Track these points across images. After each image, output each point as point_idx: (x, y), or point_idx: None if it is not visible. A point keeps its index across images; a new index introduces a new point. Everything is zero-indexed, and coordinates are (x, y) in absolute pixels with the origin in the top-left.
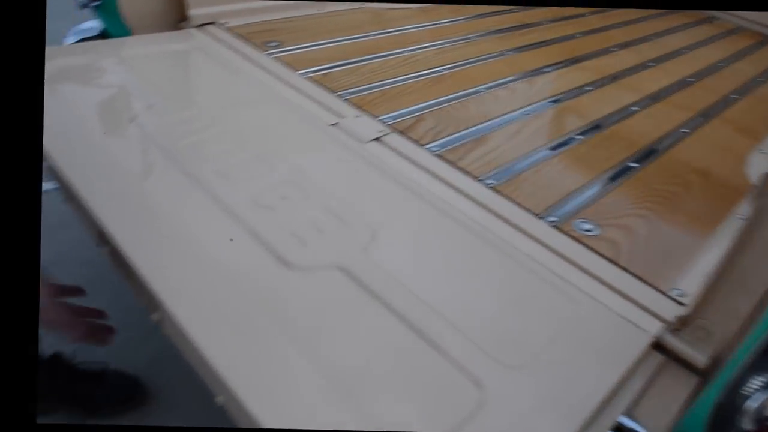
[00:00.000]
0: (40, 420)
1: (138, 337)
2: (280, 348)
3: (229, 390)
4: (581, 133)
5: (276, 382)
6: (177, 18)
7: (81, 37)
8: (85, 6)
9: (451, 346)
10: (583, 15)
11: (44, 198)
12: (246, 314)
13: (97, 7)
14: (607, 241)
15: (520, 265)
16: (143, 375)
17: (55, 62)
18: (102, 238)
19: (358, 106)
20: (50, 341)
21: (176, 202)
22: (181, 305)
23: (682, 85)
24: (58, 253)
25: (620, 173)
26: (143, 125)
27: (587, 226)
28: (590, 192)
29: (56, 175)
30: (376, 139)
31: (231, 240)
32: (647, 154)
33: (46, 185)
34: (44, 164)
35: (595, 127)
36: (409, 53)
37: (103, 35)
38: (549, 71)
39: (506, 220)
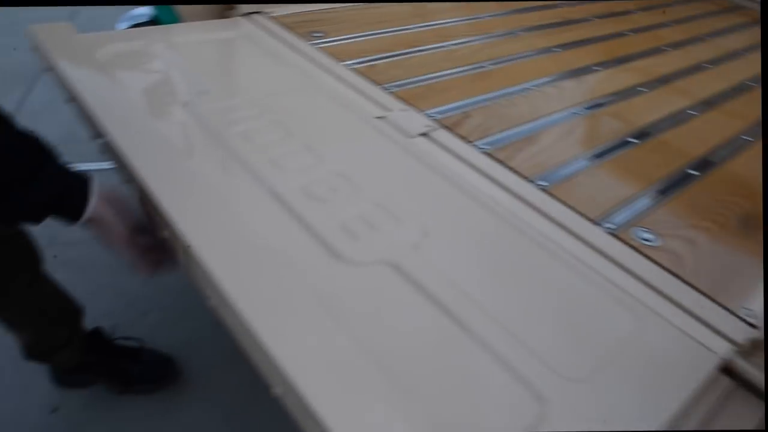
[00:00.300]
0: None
1: (172, 318)
2: (339, 343)
3: (289, 382)
4: (635, 137)
5: (336, 378)
6: (224, 6)
7: (133, 23)
8: None
9: (508, 354)
10: (631, 12)
11: (99, 176)
12: (301, 305)
13: None
14: (668, 252)
15: (576, 272)
16: (176, 356)
17: (111, 47)
18: (161, 221)
19: (404, 99)
20: (92, 317)
21: (232, 189)
22: (238, 292)
23: (741, 89)
24: None
25: (679, 181)
26: (196, 111)
27: (647, 236)
28: (647, 199)
29: (115, 156)
30: (424, 134)
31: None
32: (706, 163)
33: (102, 164)
34: (101, 141)
35: (648, 131)
36: (453, 47)
37: (153, 21)
38: (598, 70)
39: (560, 224)
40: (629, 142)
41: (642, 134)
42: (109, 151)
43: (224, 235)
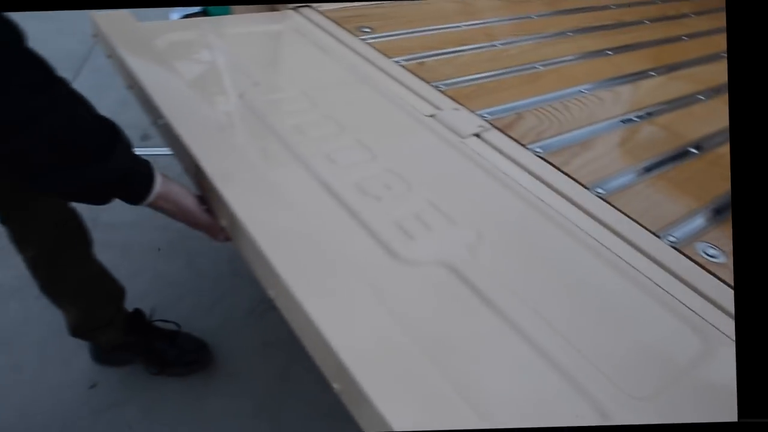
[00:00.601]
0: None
1: (207, 304)
2: (400, 343)
3: (351, 380)
4: (694, 148)
5: (396, 377)
6: None
7: (185, 13)
8: None
9: (569, 366)
10: (686, 15)
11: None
12: (362, 302)
13: None
14: None
15: (637, 285)
16: (209, 341)
17: (168, 36)
18: (220, 209)
19: (454, 98)
20: (129, 299)
21: (289, 182)
22: (300, 285)
23: None
24: (139, 215)
25: None
26: (252, 102)
27: (712, 252)
28: (710, 214)
29: (175, 143)
30: (476, 134)
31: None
32: None
33: (159, 150)
34: (161, 122)
35: (707, 143)
36: (502, 47)
37: (204, 12)
38: (653, 75)
39: (619, 235)
40: (689, 152)
41: (700, 146)
42: (168, 136)
43: (283, 227)
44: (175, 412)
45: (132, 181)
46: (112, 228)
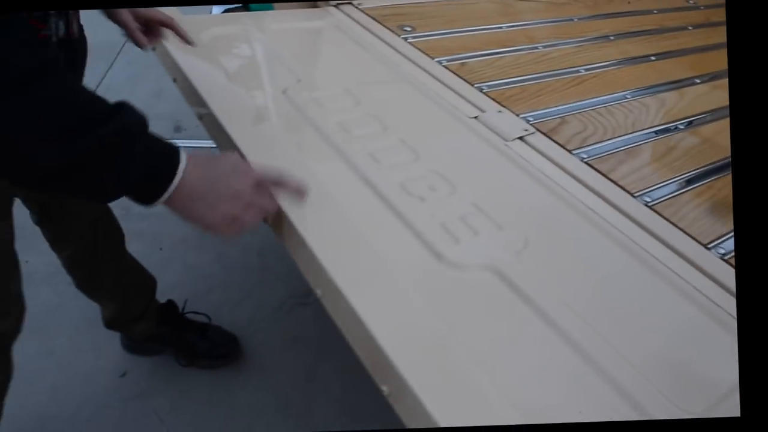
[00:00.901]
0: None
1: (236, 297)
2: (449, 346)
3: (402, 382)
4: None
5: (445, 379)
6: None
7: (227, 7)
8: None
9: (623, 380)
10: None
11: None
12: (411, 305)
13: None
14: None
15: (687, 298)
16: (239, 335)
17: (212, 30)
18: None
19: (497, 100)
20: (159, 290)
21: (334, 180)
22: (348, 283)
23: None
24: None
25: None
26: (295, 98)
27: None
28: None
29: (220, 135)
30: (521, 138)
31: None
32: None
33: (192, 141)
34: (205, 112)
35: None
36: (545, 49)
37: (245, 6)
38: (699, 83)
39: (669, 246)
40: None
41: None
42: (212, 129)
43: (330, 225)
44: (203, 404)
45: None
46: (142, 218)
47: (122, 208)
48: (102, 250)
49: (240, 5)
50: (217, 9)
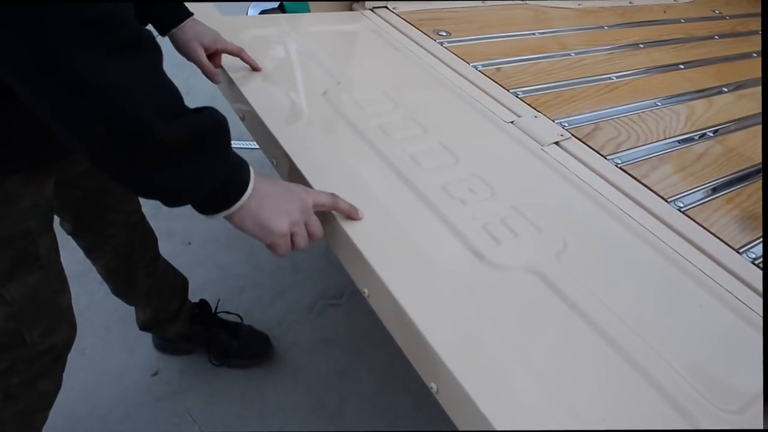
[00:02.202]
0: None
1: (267, 297)
2: (495, 345)
3: (452, 379)
4: None
5: (493, 378)
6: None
7: (262, 9)
8: None
9: (662, 379)
10: (755, 32)
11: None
12: (457, 305)
13: None
14: None
15: (720, 301)
16: (270, 335)
17: (251, 31)
18: None
19: (532, 105)
20: (191, 290)
21: (377, 182)
22: (396, 283)
23: None
24: None
25: None
26: (335, 101)
27: None
28: None
29: (263, 135)
30: (556, 143)
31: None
32: None
33: (237, 143)
34: (245, 108)
35: None
36: (578, 56)
37: (281, 7)
38: (727, 92)
39: (702, 250)
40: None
41: None
42: (253, 127)
43: (375, 226)
44: (235, 403)
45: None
46: (171, 217)
47: (152, 207)
48: (138, 257)
49: (276, 6)
50: (253, 10)
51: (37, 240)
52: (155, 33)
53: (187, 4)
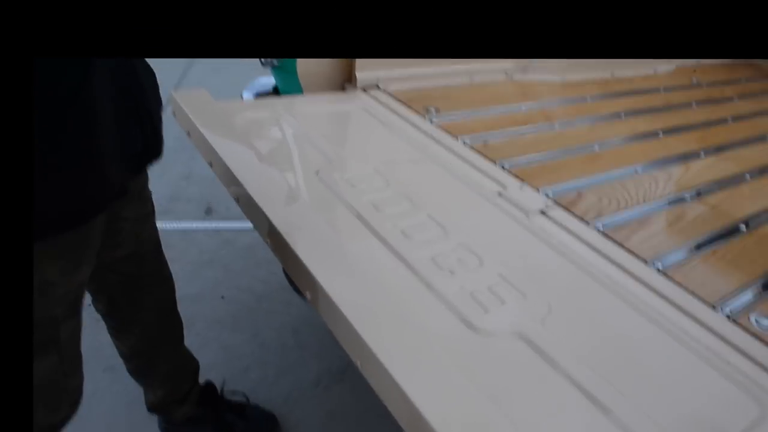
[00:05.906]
0: None
1: (272, 375)
2: (487, 414)
3: None
4: (745, 224)
5: None
6: (343, 80)
7: (257, 91)
8: (266, 65)
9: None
10: (731, 99)
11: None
12: (449, 375)
13: (276, 67)
14: None
15: (701, 358)
16: (277, 412)
17: (244, 114)
18: (304, 280)
19: (519, 177)
20: (200, 371)
21: (369, 256)
22: (388, 355)
23: None
24: (201, 288)
25: None
26: (327, 179)
27: (766, 322)
28: (761, 287)
29: (257, 216)
30: (542, 211)
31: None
32: None
33: (223, 223)
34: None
35: (759, 219)
36: (561, 129)
37: (275, 91)
38: (703, 156)
39: (678, 307)
40: (739, 230)
41: (748, 223)
42: (248, 209)
43: (366, 299)
44: None
45: None
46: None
47: None
48: (164, 339)
49: (270, 90)
50: (247, 94)
51: (60, 326)
52: None
53: (182, 86)
